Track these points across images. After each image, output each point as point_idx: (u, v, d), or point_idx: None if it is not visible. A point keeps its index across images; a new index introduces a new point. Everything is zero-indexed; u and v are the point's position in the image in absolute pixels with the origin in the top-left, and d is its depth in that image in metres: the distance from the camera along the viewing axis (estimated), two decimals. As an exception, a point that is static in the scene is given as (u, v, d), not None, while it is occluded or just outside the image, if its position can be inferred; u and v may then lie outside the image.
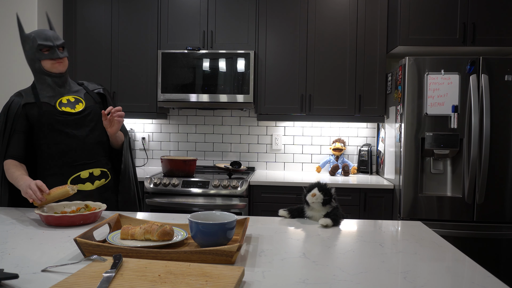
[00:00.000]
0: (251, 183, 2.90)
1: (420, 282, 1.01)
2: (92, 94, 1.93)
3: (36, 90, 1.82)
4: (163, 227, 1.25)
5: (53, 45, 1.76)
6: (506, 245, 2.66)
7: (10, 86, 3.04)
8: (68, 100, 1.83)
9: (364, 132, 3.48)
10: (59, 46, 1.79)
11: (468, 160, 2.67)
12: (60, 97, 1.83)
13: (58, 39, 1.79)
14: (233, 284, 0.91)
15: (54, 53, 1.77)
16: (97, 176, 1.86)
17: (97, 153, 1.87)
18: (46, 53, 1.76)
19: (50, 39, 1.77)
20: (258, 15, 3.18)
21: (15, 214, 1.67)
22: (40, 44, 1.75)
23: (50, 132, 1.78)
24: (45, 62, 1.78)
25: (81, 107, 1.85)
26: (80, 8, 3.30)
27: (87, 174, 1.83)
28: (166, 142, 3.62)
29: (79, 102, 1.86)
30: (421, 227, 1.57)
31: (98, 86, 2.00)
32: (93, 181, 1.85)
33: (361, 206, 2.87)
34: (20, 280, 0.97)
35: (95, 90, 1.96)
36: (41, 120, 1.77)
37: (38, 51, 1.76)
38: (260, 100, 3.20)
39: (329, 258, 1.18)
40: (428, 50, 3.05)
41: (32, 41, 1.77)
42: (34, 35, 1.76)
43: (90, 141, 1.84)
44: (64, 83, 1.85)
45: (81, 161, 1.82)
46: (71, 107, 1.82)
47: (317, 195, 1.54)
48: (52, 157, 1.79)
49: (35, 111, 1.78)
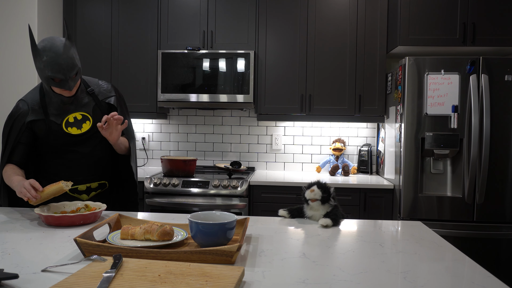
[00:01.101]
0: (251, 183, 2.90)
1: (420, 282, 1.01)
2: (101, 107, 1.82)
3: (44, 101, 1.74)
4: (163, 227, 1.25)
5: (65, 78, 1.61)
6: (506, 245, 2.66)
7: (10, 86, 3.03)
8: (75, 119, 1.76)
9: (364, 132, 3.48)
10: (71, 77, 1.63)
11: (468, 160, 2.67)
12: (67, 115, 1.75)
13: (71, 69, 1.60)
14: (233, 284, 0.91)
15: (65, 85, 1.63)
16: (94, 188, 1.86)
17: (98, 169, 1.86)
18: (57, 82, 1.62)
19: (62, 71, 1.58)
20: (258, 15, 3.18)
21: (15, 214, 1.67)
22: (50, 76, 1.59)
23: (53, 150, 1.78)
24: (56, 88, 1.67)
25: (88, 126, 1.78)
26: (80, 8, 3.30)
27: (84, 188, 1.84)
28: (166, 142, 3.62)
29: (86, 120, 1.78)
30: (421, 227, 1.57)
31: (110, 94, 1.86)
32: (89, 192, 1.86)
33: (361, 206, 2.87)
34: (20, 280, 0.97)
35: (106, 99, 1.84)
36: (47, 138, 1.75)
37: (50, 79, 1.61)
38: (260, 100, 3.20)
39: (329, 258, 1.18)
40: (428, 50, 3.05)
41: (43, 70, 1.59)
42: (46, 60, 1.56)
43: (92, 158, 1.82)
44: (73, 101, 1.76)
45: (81, 176, 1.82)
46: (78, 127, 1.76)
47: (315, 191, 1.54)
48: (52, 170, 1.80)
49: (43, 127, 1.74)
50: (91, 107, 1.80)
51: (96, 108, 1.82)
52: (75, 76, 1.66)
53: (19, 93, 3.03)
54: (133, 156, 1.90)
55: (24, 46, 3.03)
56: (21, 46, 3.03)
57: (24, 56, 3.03)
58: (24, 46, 3.03)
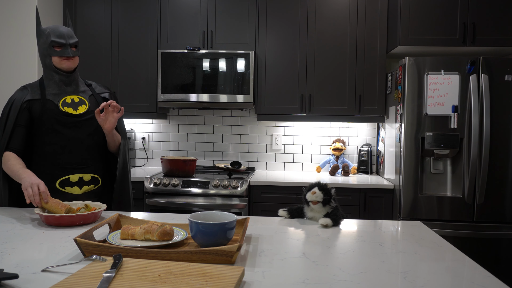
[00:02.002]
0: (251, 183, 2.90)
1: (420, 282, 1.01)
2: (97, 98, 1.91)
3: (43, 85, 1.82)
4: (163, 227, 1.25)
5: (66, 43, 1.78)
6: (506, 245, 2.66)
7: (10, 83, 3.03)
8: (72, 100, 1.82)
9: (364, 132, 3.48)
10: (72, 45, 1.79)
11: (468, 160, 2.67)
12: (65, 96, 1.82)
13: (72, 37, 1.80)
14: (233, 284, 0.91)
15: (65, 51, 1.77)
16: (86, 181, 1.83)
17: (90, 158, 1.84)
18: (58, 50, 1.77)
19: (64, 37, 1.78)
20: (258, 15, 3.18)
21: (15, 214, 1.67)
22: (53, 41, 1.76)
23: (48, 130, 1.77)
24: (55, 59, 1.78)
25: (84, 109, 1.83)
26: (80, 8, 3.30)
27: (76, 178, 1.81)
28: (166, 142, 3.62)
29: (83, 103, 1.84)
30: (421, 227, 1.57)
31: (106, 90, 1.98)
32: (82, 185, 1.82)
33: (361, 206, 2.87)
34: (20, 280, 0.97)
35: (101, 93, 1.95)
36: (42, 117, 1.77)
37: (51, 47, 1.77)
38: (260, 100, 3.20)
39: (329, 258, 1.18)
40: (428, 50, 3.05)
41: (46, 37, 1.77)
42: (49, 30, 1.77)
43: (85, 145, 1.82)
44: (71, 82, 1.84)
45: (73, 164, 1.80)
46: (74, 108, 1.81)
47: (317, 193, 1.54)
48: (44, 156, 1.78)
49: (39, 107, 1.78)
50: (88, 95, 1.89)
51: (93, 98, 1.90)
52: (75, 49, 1.81)
53: (19, 93, 3.03)
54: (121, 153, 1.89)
55: (24, 46, 3.03)
56: (21, 46, 3.03)
57: (25, 57, 3.03)
58: (24, 46, 3.03)
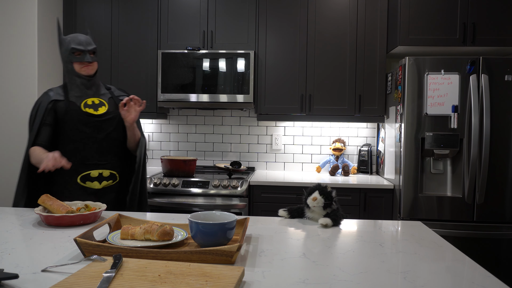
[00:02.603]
0: (251, 183, 2.90)
1: (420, 282, 1.01)
2: (116, 100, 2.05)
3: (67, 88, 1.97)
4: (163, 227, 1.25)
5: (85, 49, 1.93)
6: (506, 245, 2.66)
7: (10, 84, 3.04)
8: (93, 102, 1.97)
9: (364, 132, 3.48)
10: (90, 51, 1.95)
11: (468, 160, 2.67)
12: (86, 98, 1.97)
13: (90, 44, 1.96)
14: (233, 284, 0.91)
15: (84, 57, 1.93)
16: (105, 177, 1.97)
17: (109, 156, 1.98)
18: (77, 56, 1.93)
19: (82, 44, 1.93)
20: (258, 15, 3.18)
21: (15, 214, 1.67)
22: (73, 48, 1.92)
23: (71, 129, 1.92)
24: (76, 65, 1.94)
25: (103, 110, 1.98)
26: (80, 8, 3.30)
27: (96, 174, 1.94)
28: (166, 142, 3.62)
29: (103, 105, 1.99)
30: (421, 227, 1.57)
31: (124, 94, 2.14)
32: (101, 181, 1.96)
33: (361, 206, 2.87)
34: (20, 280, 0.97)
35: (120, 96, 2.10)
36: (65, 117, 1.91)
37: (71, 53, 1.93)
38: (260, 100, 3.20)
39: (329, 258, 1.18)
40: (428, 50, 3.05)
41: (67, 44, 1.93)
42: (70, 39, 1.94)
43: (105, 143, 1.97)
44: (92, 85, 1.99)
45: (94, 161, 1.94)
46: (94, 109, 1.96)
47: (318, 199, 1.54)
48: (68, 152, 1.92)
49: (63, 107, 1.93)
50: (107, 97, 2.05)
51: (112, 100, 2.05)
52: (93, 55, 1.97)
53: (19, 93, 3.03)
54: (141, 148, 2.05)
55: (24, 46, 3.03)
56: (21, 45, 3.03)
57: (25, 58, 3.03)
58: (24, 45, 3.03)
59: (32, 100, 3.01)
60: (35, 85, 3.03)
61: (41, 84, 3.06)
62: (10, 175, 3.03)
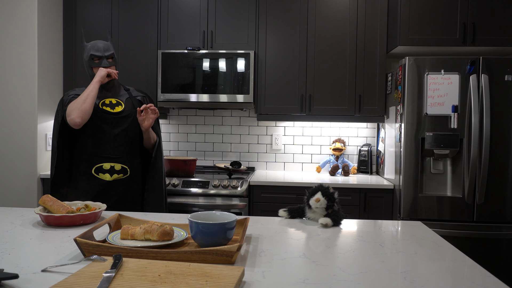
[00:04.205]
0: (251, 183, 2.90)
1: (420, 282, 1.01)
2: (133, 100, 2.22)
3: None
4: (163, 227, 1.25)
5: (102, 55, 2.14)
6: (506, 245, 2.66)
7: (10, 86, 3.04)
8: (110, 102, 2.16)
9: (364, 132, 3.48)
10: (107, 57, 2.15)
11: (468, 160, 2.67)
12: (105, 98, 2.16)
13: (107, 50, 2.15)
14: (233, 284, 0.91)
15: (102, 62, 2.14)
16: (117, 170, 2.11)
17: (123, 151, 2.13)
18: (96, 61, 2.14)
19: (101, 50, 2.14)
20: (258, 15, 3.18)
21: (15, 214, 1.67)
22: (92, 54, 2.13)
23: (89, 124, 2.09)
24: (95, 69, 2.15)
25: (120, 109, 2.16)
26: (80, 8, 3.30)
27: (108, 166, 2.10)
28: (166, 142, 3.62)
29: (119, 105, 2.17)
30: (421, 227, 1.57)
31: (140, 94, 2.30)
32: (112, 173, 2.10)
33: (361, 206, 2.87)
34: (20, 280, 0.97)
35: (137, 96, 2.27)
36: None
37: (91, 59, 2.14)
38: (260, 100, 3.20)
39: (329, 258, 1.18)
40: (428, 50, 3.05)
41: (88, 51, 2.14)
42: (90, 46, 2.14)
43: (119, 138, 2.12)
44: (111, 87, 2.18)
45: (107, 154, 2.10)
46: (111, 107, 2.14)
47: (321, 201, 1.54)
48: (85, 145, 2.10)
49: None
50: (125, 98, 2.22)
51: (129, 100, 2.22)
52: (111, 60, 2.17)
53: (20, 95, 3.03)
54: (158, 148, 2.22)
55: (24, 46, 3.03)
56: (21, 46, 3.03)
57: (25, 58, 3.03)
58: (24, 46, 3.03)
59: (32, 100, 3.01)
60: (35, 85, 3.03)
61: (41, 83, 3.06)
62: (10, 174, 3.03)
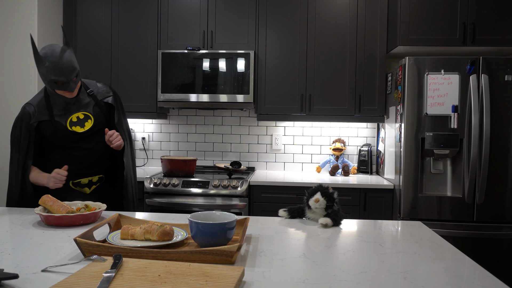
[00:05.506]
0: (251, 183, 2.90)
1: (420, 282, 1.01)
2: (101, 106, 1.96)
3: (50, 103, 1.87)
4: (163, 227, 1.25)
5: (67, 81, 1.73)
6: (506, 245, 2.66)
7: (9, 86, 3.03)
8: (78, 118, 1.89)
9: (364, 132, 3.48)
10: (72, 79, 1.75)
11: (468, 160, 2.67)
12: (71, 115, 1.88)
13: (71, 72, 1.72)
14: (233, 284, 0.91)
15: (67, 87, 1.75)
16: (94, 182, 2.00)
17: (98, 164, 1.99)
18: (59, 84, 1.74)
19: (64, 74, 1.70)
20: (258, 15, 3.18)
21: (15, 214, 1.67)
22: (52, 80, 1.71)
23: (60, 146, 1.91)
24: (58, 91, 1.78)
25: (90, 124, 1.91)
26: (80, 8, 3.30)
27: (86, 181, 1.97)
28: (166, 142, 3.62)
29: (88, 118, 1.91)
30: (421, 227, 1.57)
31: (108, 94, 2.00)
32: (91, 186, 1.99)
33: (361, 206, 2.87)
34: (20, 280, 0.97)
35: (104, 99, 1.98)
36: (53, 137, 1.88)
37: (53, 83, 1.73)
38: (260, 100, 3.20)
39: (329, 258, 1.18)
40: (428, 50, 3.05)
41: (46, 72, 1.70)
42: (48, 65, 1.68)
43: (93, 153, 1.96)
44: (75, 102, 1.89)
45: (84, 170, 1.95)
46: (81, 125, 1.89)
47: (320, 201, 1.54)
48: (58, 164, 1.91)
49: (49, 128, 1.87)
50: (92, 106, 1.95)
51: (96, 107, 1.96)
52: (76, 78, 1.78)
53: (19, 95, 3.03)
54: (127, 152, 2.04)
55: (24, 47, 3.03)
56: (21, 47, 3.03)
57: (24, 58, 3.03)
58: (24, 47, 3.03)
59: (32, 100, 3.01)
60: (35, 85, 3.03)
61: (41, 84, 3.06)
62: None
